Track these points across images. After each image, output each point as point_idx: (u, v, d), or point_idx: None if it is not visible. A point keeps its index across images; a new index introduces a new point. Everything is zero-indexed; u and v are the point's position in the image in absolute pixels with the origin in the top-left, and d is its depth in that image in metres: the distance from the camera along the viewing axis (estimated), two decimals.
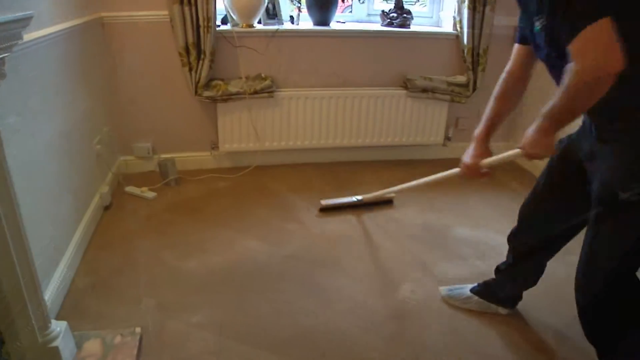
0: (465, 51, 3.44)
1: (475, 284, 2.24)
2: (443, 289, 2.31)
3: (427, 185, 2.51)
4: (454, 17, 3.46)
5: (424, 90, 3.47)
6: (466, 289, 2.25)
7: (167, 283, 2.25)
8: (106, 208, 2.85)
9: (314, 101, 3.37)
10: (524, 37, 1.68)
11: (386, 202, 3.12)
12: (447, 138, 3.74)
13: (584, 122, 1.65)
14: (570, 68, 1.33)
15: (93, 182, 2.77)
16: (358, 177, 3.44)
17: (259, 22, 3.29)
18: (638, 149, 1.42)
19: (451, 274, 2.44)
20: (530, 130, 1.52)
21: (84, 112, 2.62)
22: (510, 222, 2.04)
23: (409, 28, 3.48)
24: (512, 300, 2.18)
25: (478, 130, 1.87)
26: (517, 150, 1.63)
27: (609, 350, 1.66)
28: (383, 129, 3.56)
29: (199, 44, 3.04)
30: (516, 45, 1.75)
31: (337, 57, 3.38)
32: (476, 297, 2.21)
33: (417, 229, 2.83)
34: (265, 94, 3.26)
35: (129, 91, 3.19)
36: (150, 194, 3.02)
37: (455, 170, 2.08)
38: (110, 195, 2.91)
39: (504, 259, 2.19)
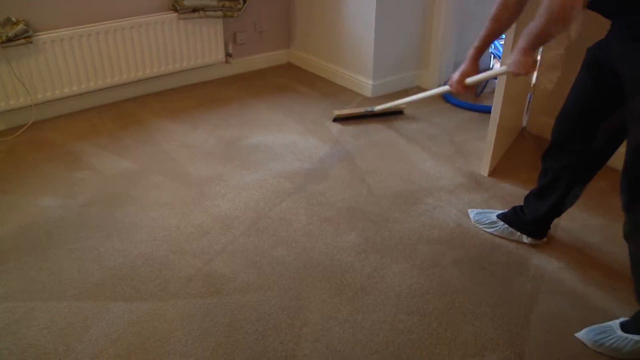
0: None
1: (505, 210, 2.24)
2: (471, 212, 2.33)
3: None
4: None
5: (195, 10, 3.42)
6: (493, 214, 2.25)
7: None
8: None
9: (80, 40, 3.14)
10: None
11: (397, 113, 3.30)
12: (228, 54, 3.77)
13: (612, 28, 1.67)
14: None
15: None
16: (146, 110, 3.36)
17: None
18: None
19: (249, 180, 2.57)
20: (514, 52, 1.72)
21: None
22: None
23: None
24: (538, 225, 2.13)
25: (471, 49, 2.04)
26: (503, 68, 1.87)
27: None
28: (161, 57, 3.47)
29: None
30: None
31: None
32: (501, 223, 2.20)
33: (210, 146, 2.90)
34: (22, 40, 2.95)
35: None
36: None
37: (446, 87, 2.30)
38: None
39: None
